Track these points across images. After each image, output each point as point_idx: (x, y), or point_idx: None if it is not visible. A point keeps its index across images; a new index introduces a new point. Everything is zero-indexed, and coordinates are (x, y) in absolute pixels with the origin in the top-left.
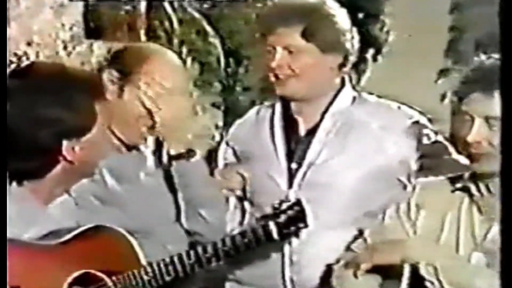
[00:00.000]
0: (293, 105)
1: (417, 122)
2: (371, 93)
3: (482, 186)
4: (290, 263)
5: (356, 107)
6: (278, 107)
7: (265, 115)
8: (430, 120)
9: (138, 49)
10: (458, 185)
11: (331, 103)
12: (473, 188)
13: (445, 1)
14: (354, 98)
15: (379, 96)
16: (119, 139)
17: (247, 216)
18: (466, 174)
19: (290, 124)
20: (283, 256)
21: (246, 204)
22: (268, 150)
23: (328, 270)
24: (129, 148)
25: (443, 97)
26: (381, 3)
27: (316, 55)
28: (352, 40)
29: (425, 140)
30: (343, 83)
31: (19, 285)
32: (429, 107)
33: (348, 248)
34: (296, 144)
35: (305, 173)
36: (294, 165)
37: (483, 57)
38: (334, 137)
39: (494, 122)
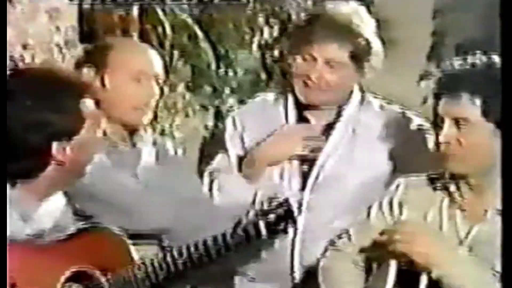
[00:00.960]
0: (304, 109)
1: (421, 126)
2: (375, 96)
3: (463, 186)
4: (300, 259)
5: (363, 110)
6: (291, 104)
7: (276, 109)
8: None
9: (104, 42)
10: (439, 184)
11: (342, 107)
12: (452, 187)
13: (428, 7)
14: (362, 99)
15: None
16: (123, 125)
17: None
18: (446, 174)
19: (303, 122)
20: (292, 251)
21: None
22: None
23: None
24: (132, 132)
25: (425, 99)
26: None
27: (352, 73)
28: (379, 60)
29: (430, 144)
30: (351, 91)
31: (15, 282)
32: (412, 108)
33: (332, 243)
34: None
35: (317, 176)
36: (305, 167)
37: (457, 61)
38: (345, 141)
39: (463, 123)
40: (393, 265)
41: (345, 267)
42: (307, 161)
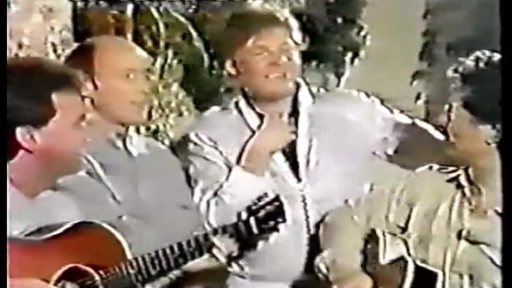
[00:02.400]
0: (257, 106)
1: (370, 99)
2: (326, 90)
3: (473, 181)
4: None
5: (319, 100)
6: (244, 107)
7: (231, 116)
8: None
9: (86, 44)
10: (452, 175)
11: (295, 100)
12: (463, 181)
13: (419, 6)
14: (312, 94)
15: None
16: (121, 123)
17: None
18: (461, 169)
19: (261, 120)
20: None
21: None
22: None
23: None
24: (127, 128)
25: (417, 97)
26: (359, 9)
27: (297, 52)
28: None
29: (397, 117)
30: (297, 84)
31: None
32: (404, 107)
33: (345, 201)
34: None
35: (307, 166)
36: (290, 161)
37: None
38: (316, 129)
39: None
40: (410, 263)
41: (347, 225)
42: (290, 156)
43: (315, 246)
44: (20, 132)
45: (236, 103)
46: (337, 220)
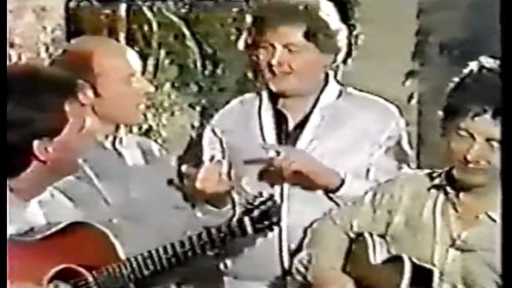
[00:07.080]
0: (281, 100)
1: (399, 108)
2: (355, 88)
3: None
4: (288, 250)
5: (343, 100)
6: (265, 101)
7: (251, 107)
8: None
9: (79, 49)
10: (436, 182)
11: (318, 97)
12: (448, 187)
13: (412, 6)
14: (340, 92)
15: (360, 90)
16: (122, 124)
17: (237, 209)
18: (443, 174)
19: (278, 118)
20: (280, 243)
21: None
22: (257, 143)
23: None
24: (116, 129)
25: (410, 98)
26: (351, 8)
27: (315, 53)
28: (343, 39)
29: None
30: (327, 78)
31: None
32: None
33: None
34: (286, 138)
35: None
36: None
37: (473, 65)
38: (323, 130)
39: (495, 143)
40: (407, 261)
41: (329, 228)
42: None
43: (291, 247)
44: (37, 145)
45: (261, 95)
46: (320, 223)
